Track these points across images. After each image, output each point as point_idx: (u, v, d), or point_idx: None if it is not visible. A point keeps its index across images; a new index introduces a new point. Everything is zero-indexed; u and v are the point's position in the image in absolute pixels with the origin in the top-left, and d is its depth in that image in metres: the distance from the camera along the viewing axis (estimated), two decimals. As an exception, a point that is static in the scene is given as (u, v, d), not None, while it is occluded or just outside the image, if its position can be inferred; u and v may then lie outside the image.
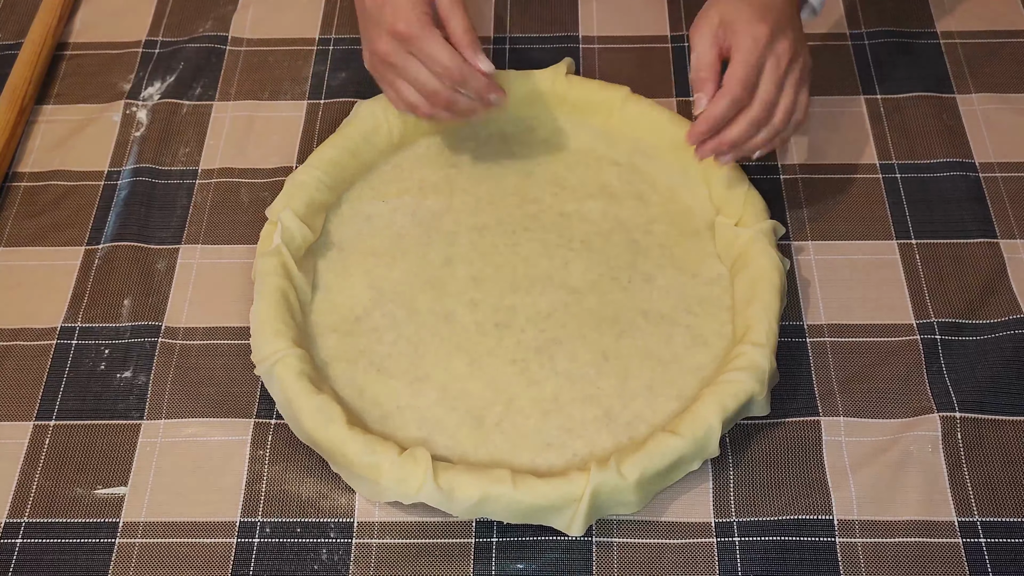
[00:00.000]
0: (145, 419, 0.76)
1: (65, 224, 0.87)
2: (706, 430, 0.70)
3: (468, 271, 0.82)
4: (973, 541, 0.70)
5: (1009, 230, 0.85)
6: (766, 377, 0.72)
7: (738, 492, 0.72)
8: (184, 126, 0.93)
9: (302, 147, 0.91)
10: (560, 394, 0.75)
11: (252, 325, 0.76)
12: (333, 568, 0.70)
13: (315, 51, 0.99)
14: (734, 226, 0.81)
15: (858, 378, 0.77)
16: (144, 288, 0.83)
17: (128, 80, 0.97)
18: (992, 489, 0.72)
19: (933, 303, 0.81)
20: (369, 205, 0.86)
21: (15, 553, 0.71)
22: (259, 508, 0.72)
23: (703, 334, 0.78)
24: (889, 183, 0.88)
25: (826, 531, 0.70)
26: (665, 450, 0.69)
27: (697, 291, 0.80)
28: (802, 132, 0.91)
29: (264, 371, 0.74)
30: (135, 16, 1.02)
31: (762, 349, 0.73)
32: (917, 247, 0.84)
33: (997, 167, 0.89)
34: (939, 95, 0.93)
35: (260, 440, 0.75)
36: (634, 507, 0.70)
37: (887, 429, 0.74)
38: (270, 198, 0.86)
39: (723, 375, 0.72)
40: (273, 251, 0.78)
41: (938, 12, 1.00)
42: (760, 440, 0.74)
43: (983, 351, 0.78)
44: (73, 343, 0.80)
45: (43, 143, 0.93)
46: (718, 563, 0.69)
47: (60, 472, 0.74)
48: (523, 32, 0.99)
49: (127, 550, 0.71)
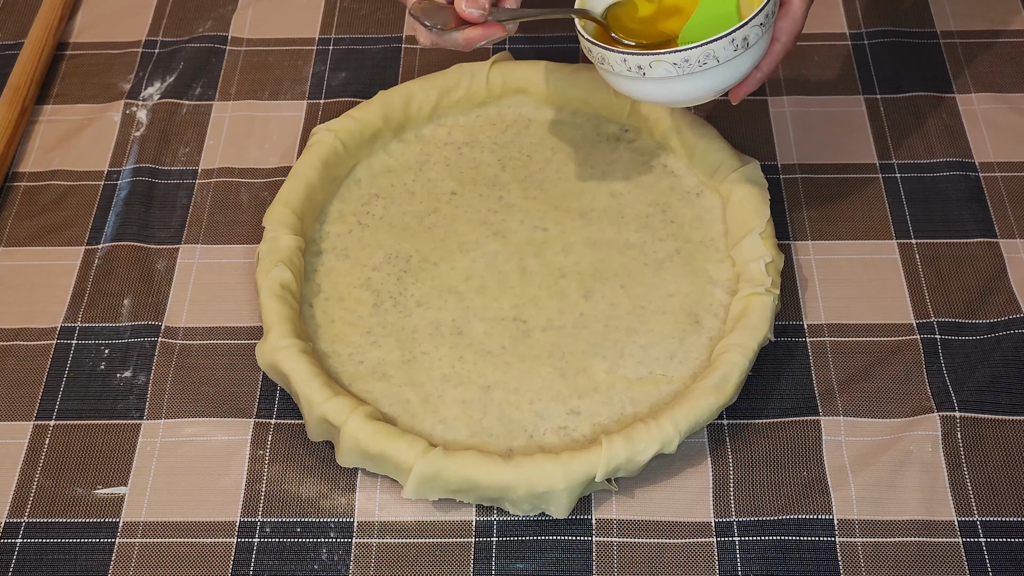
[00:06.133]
0: (145, 419, 0.76)
1: (65, 224, 0.87)
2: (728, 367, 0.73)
3: (465, 262, 0.82)
4: (973, 541, 0.70)
5: (1009, 230, 0.85)
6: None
7: (738, 492, 0.72)
8: (184, 126, 0.93)
9: (302, 147, 0.91)
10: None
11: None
12: (333, 568, 0.70)
13: (315, 51, 0.99)
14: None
15: (858, 378, 0.77)
16: (144, 288, 0.83)
17: (128, 80, 0.97)
18: (992, 489, 0.72)
19: (933, 303, 0.81)
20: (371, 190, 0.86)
21: (15, 553, 0.71)
22: (259, 508, 0.72)
23: (697, 312, 0.79)
24: (889, 183, 0.88)
25: (826, 531, 0.70)
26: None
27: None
28: (802, 132, 0.91)
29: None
30: (135, 16, 1.02)
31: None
32: (917, 247, 0.84)
33: (997, 167, 0.89)
34: (939, 95, 0.94)
35: (260, 440, 0.75)
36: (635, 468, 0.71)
37: (887, 429, 0.74)
38: (270, 198, 0.86)
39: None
40: (274, 257, 0.79)
41: (938, 12, 1.00)
42: (760, 440, 0.74)
43: (983, 351, 0.78)
44: (73, 343, 0.80)
45: (43, 143, 0.93)
46: (718, 563, 0.69)
47: (60, 472, 0.74)
48: (523, 32, 0.99)
49: (127, 550, 0.71)
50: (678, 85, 0.71)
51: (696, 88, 0.71)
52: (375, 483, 0.73)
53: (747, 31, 0.69)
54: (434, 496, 0.71)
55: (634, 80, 0.72)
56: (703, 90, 0.72)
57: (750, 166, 0.83)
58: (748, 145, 0.90)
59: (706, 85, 0.71)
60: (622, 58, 0.70)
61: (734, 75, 0.72)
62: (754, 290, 0.77)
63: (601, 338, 0.78)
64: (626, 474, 0.71)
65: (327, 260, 0.83)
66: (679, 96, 0.72)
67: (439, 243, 0.84)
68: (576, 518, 0.71)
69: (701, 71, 0.70)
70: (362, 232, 0.85)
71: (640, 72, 0.71)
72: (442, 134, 0.90)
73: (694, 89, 0.72)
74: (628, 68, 0.71)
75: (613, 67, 0.71)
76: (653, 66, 0.70)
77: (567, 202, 0.86)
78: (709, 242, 0.83)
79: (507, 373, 0.77)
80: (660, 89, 0.72)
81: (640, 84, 0.72)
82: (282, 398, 0.77)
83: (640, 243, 0.83)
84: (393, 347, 0.78)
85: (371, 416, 0.72)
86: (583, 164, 0.88)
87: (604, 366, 0.77)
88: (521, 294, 0.81)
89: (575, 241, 0.83)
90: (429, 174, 0.88)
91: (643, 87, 0.72)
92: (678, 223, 0.84)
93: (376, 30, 1.00)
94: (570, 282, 0.81)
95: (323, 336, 0.79)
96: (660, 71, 0.70)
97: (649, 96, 0.73)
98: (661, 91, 0.72)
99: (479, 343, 0.78)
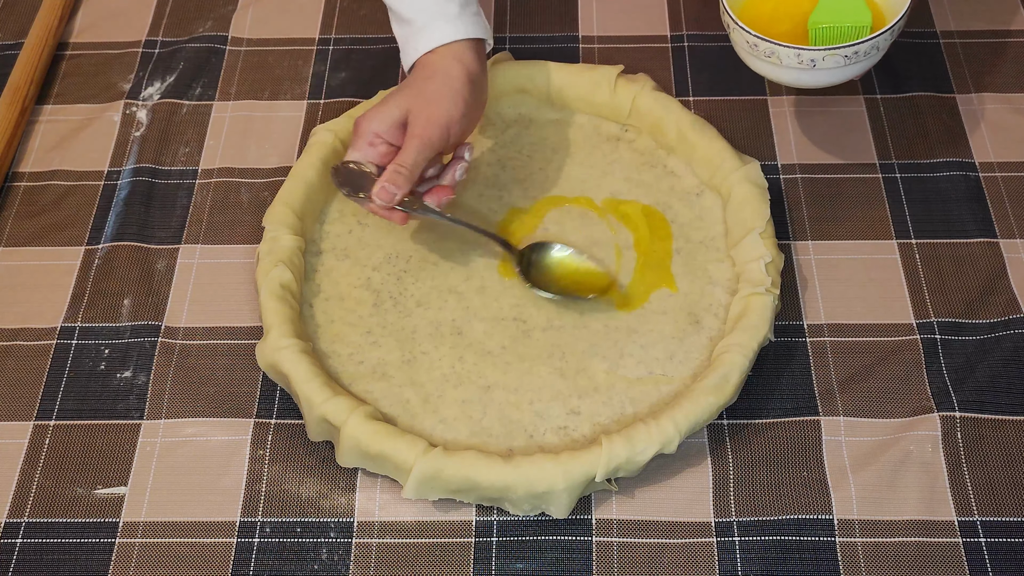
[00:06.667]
0: (145, 419, 0.76)
1: (65, 224, 0.87)
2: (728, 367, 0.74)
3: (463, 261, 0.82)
4: (973, 541, 0.70)
5: (1009, 230, 0.85)
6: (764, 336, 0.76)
7: (738, 492, 0.72)
8: (184, 126, 0.93)
9: (302, 147, 0.91)
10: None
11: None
12: (333, 568, 0.70)
13: (315, 51, 0.99)
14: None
15: (858, 378, 0.77)
16: (144, 288, 0.83)
17: (128, 80, 0.97)
18: (992, 489, 0.72)
19: (933, 303, 0.81)
20: None
21: (15, 553, 0.71)
22: (259, 508, 0.72)
23: (696, 312, 0.79)
24: (889, 183, 0.88)
25: (826, 531, 0.70)
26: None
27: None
28: (802, 132, 0.91)
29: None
30: (135, 16, 1.02)
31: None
32: (917, 247, 0.84)
33: (997, 167, 0.89)
34: (939, 95, 0.93)
35: (260, 440, 0.75)
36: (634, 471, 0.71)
37: (887, 429, 0.74)
38: (270, 198, 0.86)
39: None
40: (274, 258, 0.79)
41: (938, 12, 1.00)
42: (760, 440, 0.74)
43: (983, 351, 0.78)
44: (73, 343, 0.80)
45: (43, 143, 0.93)
46: (718, 563, 0.69)
47: (60, 472, 0.74)
48: (523, 32, 0.99)
49: (127, 550, 0.71)
50: (843, 72, 0.79)
51: (854, 72, 0.80)
52: (375, 483, 0.73)
53: (903, 23, 0.79)
54: (434, 496, 0.71)
55: (804, 71, 0.79)
56: (856, 73, 0.80)
57: (750, 166, 0.83)
58: (748, 145, 0.90)
59: (860, 70, 0.80)
60: (795, 52, 0.78)
61: (877, 61, 0.80)
62: (754, 290, 0.77)
63: (601, 338, 0.78)
64: (626, 474, 0.71)
65: (327, 260, 0.83)
66: (837, 78, 0.80)
67: (439, 243, 0.84)
68: (576, 518, 0.71)
69: (863, 60, 0.79)
70: (362, 232, 0.85)
71: (811, 64, 0.78)
72: None
73: (852, 73, 0.80)
74: (800, 61, 0.78)
75: (782, 60, 0.78)
76: (826, 59, 0.78)
77: (567, 202, 0.86)
78: (709, 242, 0.83)
79: (507, 373, 0.77)
80: (826, 76, 0.80)
81: (810, 74, 0.79)
82: (282, 398, 0.77)
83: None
84: (393, 347, 0.78)
85: (371, 416, 0.72)
86: (583, 164, 0.88)
87: (604, 366, 0.77)
88: (521, 294, 0.81)
89: (575, 241, 0.83)
90: (429, 174, 0.88)
91: (812, 76, 0.80)
92: (678, 223, 0.84)
93: (376, 30, 1.00)
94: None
95: (323, 336, 0.79)
96: (831, 63, 0.78)
97: (810, 82, 0.81)
98: (826, 77, 0.80)
99: (479, 343, 0.78)
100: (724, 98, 0.93)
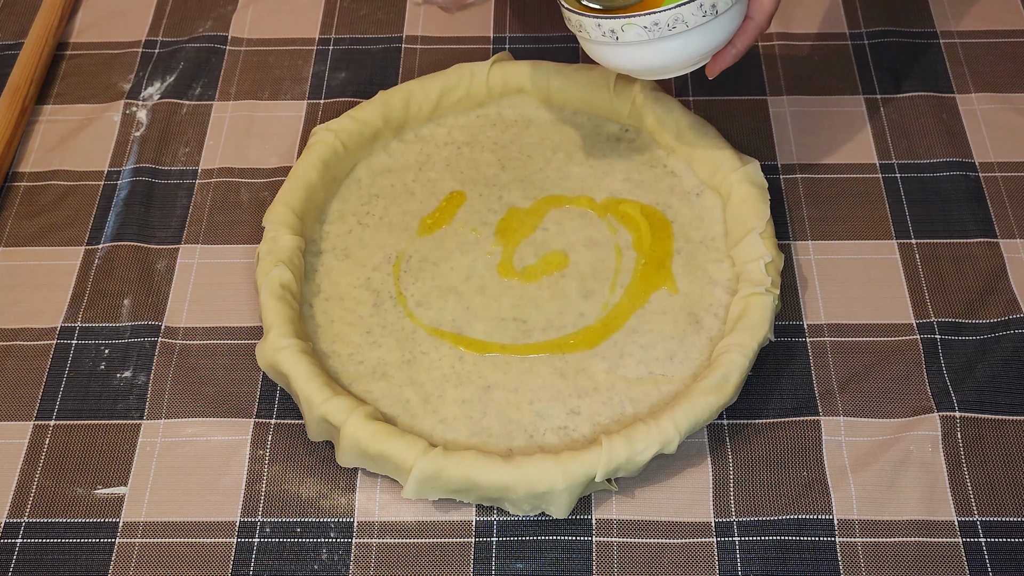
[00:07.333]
0: (145, 419, 0.76)
1: (65, 224, 0.87)
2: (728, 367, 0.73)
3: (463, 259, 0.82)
4: (973, 541, 0.70)
5: (1009, 230, 0.85)
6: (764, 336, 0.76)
7: (738, 492, 0.72)
8: (184, 126, 0.93)
9: (302, 147, 0.91)
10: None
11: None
12: (333, 568, 0.70)
13: (315, 51, 0.99)
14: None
15: (858, 378, 0.77)
16: (144, 288, 0.83)
17: (128, 80, 0.97)
18: (992, 489, 0.72)
19: (933, 303, 0.81)
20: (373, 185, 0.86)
21: (15, 553, 0.71)
22: (259, 508, 0.72)
23: (697, 312, 0.79)
24: (889, 183, 0.88)
25: (826, 531, 0.70)
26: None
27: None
28: (802, 132, 0.91)
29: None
30: (135, 16, 1.02)
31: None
32: (917, 247, 0.84)
33: (997, 167, 0.89)
34: (939, 95, 0.94)
35: (260, 440, 0.75)
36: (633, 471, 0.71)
37: (887, 429, 0.74)
38: (270, 198, 0.86)
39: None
40: (274, 258, 0.79)
41: (938, 12, 1.00)
42: (760, 440, 0.74)
43: (983, 351, 0.78)
44: (73, 343, 0.80)
45: (43, 143, 0.93)
46: (718, 563, 0.69)
47: (60, 472, 0.74)
48: (523, 32, 0.99)
49: (127, 550, 0.71)
50: (649, 51, 0.72)
51: (668, 55, 0.72)
52: (375, 483, 0.73)
53: (726, 4, 0.71)
54: (434, 496, 0.71)
55: (608, 46, 0.73)
56: (675, 58, 0.73)
57: (750, 166, 0.83)
58: (748, 145, 0.90)
59: (678, 52, 0.72)
60: (596, 23, 0.72)
61: (705, 45, 0.73)
62: (754, 290, 0.77)
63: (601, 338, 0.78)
64: (626, 474, 0.71)
65: (327, 260, 0.83)
66: (652, 62, 0.73)
67: (439, 243, 0.84)
68: (576, 518, 0.71)
69: (671, 35, 0.71)
70: (362, 232, 0.85)
71: (613, 36, 0.72)
72: (442, 134, 0.90)
73: (666, 56, 0.73)
74: (602, 33, 0.72)
75: (589, 33, 0.73)
76: (625, 30, 0.71)
77: (567, 202, 0.86)
78: (709, 242, 0.83)
79: (507, 373, 0.77)
80: (633, 55, 0.73)
81: (614, 50, 0.73)
82: (282, 398, 0.77)
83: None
84: (393, 347, 0.78)
85: (371, 416, 0.72)
86: (583, 164, 0.88)
87: (604, 366, 0.77)
88: (521, 294, 0.81)
89: (575, 241, 0.83)
90: (429, 174, 0.88)
91: (616, 53, 0.73)
92: (678, 223, 0.84)
93: (376, 30, 1.00)
94: (570, 282, 0.81)
95: (323, 336, 0.79)
96: (632, 35, 0.71)
97: (623, 64, 0.74)
98: (634, 57, 0.73)
99: (479, 343, 0.78)
100: (724, 98, 0.94)
